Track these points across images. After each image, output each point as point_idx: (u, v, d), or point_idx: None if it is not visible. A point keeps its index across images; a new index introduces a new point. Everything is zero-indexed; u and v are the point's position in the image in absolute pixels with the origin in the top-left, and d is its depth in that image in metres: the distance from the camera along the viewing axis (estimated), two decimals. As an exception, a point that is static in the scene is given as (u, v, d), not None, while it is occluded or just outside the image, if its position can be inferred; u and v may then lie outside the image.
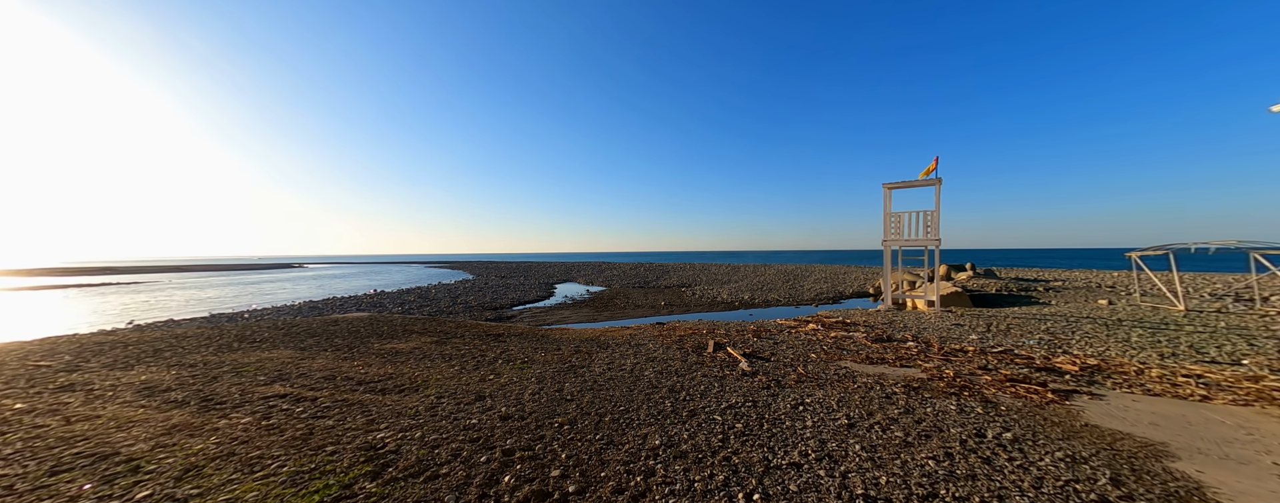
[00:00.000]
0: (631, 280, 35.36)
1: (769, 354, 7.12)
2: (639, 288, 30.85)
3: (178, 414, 4.04)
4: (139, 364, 5.78)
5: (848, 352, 7.38)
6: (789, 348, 7.65)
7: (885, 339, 8.48)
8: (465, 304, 21.38)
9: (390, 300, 22.17)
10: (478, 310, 19.92)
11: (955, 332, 9.56)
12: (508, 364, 6.08)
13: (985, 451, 3.58)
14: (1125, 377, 5.94)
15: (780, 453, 3.52)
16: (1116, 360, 6.86)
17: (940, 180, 12.12)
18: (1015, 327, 10.11)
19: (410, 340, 7.45)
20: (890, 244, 12.95)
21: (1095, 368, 6.39)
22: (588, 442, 3.67)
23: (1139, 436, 3.94)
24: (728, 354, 6.97)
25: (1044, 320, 10.96)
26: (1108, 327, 10.00)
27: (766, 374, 5.83)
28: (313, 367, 5.78)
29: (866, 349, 7.58)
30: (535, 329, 9.23)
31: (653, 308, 21.42)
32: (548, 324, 16.70)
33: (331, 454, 3.31)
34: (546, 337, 8.17)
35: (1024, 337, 9.02)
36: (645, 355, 6.78)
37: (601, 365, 6.12)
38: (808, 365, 6.39)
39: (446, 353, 6.64)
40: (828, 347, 7.75)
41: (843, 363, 6.61)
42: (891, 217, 12.86)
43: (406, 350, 6.73)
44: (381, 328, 8.50)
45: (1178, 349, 7.77)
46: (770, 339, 8.40)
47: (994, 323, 10.54)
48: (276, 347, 6.88)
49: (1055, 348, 8.03)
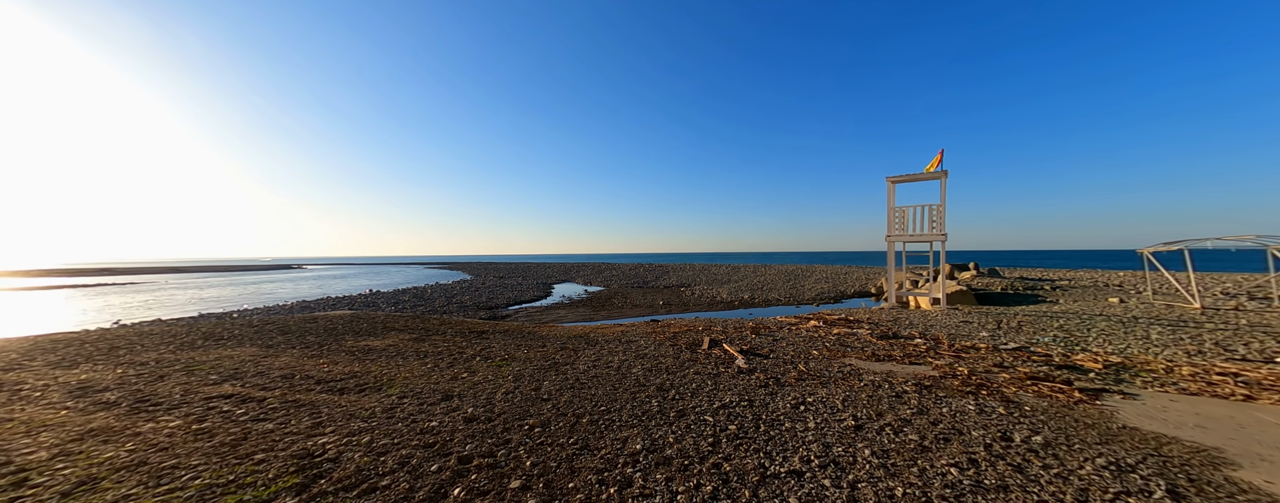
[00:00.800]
0: (630, 281, 34.89)
1: (768, 351, 6.64)
2: (637, 288, 30.36)
3: (101, 417, 3.58)
4: (86, 363, 5.33)
5: (852, 349, 6.89)
6: (789, 345, 7.17)
7: (891, 336, 7.99)
8: (460, 304, 20.92)
9: (385, 300, 21.72)
10: (472, 310, 19.46)
11: (964, 329, 9.06)
12: (485, 362, 5.61)
13: (1014, 457, 3.10)
14: (1154, 375, 5.45)
15: (779, 459, 3.04)
16: (1141, 358, 6.37)
17: (946, 173, 11.65)
18: (1027, 324, 9.61)
19: (387, 337, 6.99)
20: (894, 240, 12.47)
21: (1120, 366, 5.89)
22: (559, 447, 3.20)
23: (1187, 439, 3.45)
24: (723, 351, 6.50)
25: (1056, 318, 10.46)
26: (1124, 324, 9.50)
27: (765, 372, 5.35)
28: (273, 365, 5.32)
29: (872, 346, 7.10)
30: (523, 326, 8.76)
31: (650, 307, 20.94)
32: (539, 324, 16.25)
33: (258, 464, 2.84)
34: (533, 334, 7.71)
35: (1037, 334, 8.52)
36: (635, 352, 6.31)
37: (587, 363, 5.64)
38: (809, 363, 5.91)
39: (423, 350, 6.17)
40: (831, 344, 7.27)
41: (847, 360, 6.13)
42: (895, 211, 12.39)
43: (380, 348, 6.27)
44: (360, 325, 8.04)
45: (1203, 347, 7.27)
46: (769, 336, 7.92)
47: (1003, 321, 10.04)
48: (242, 344, 6.43)
49: (1072, 345, 7.53)
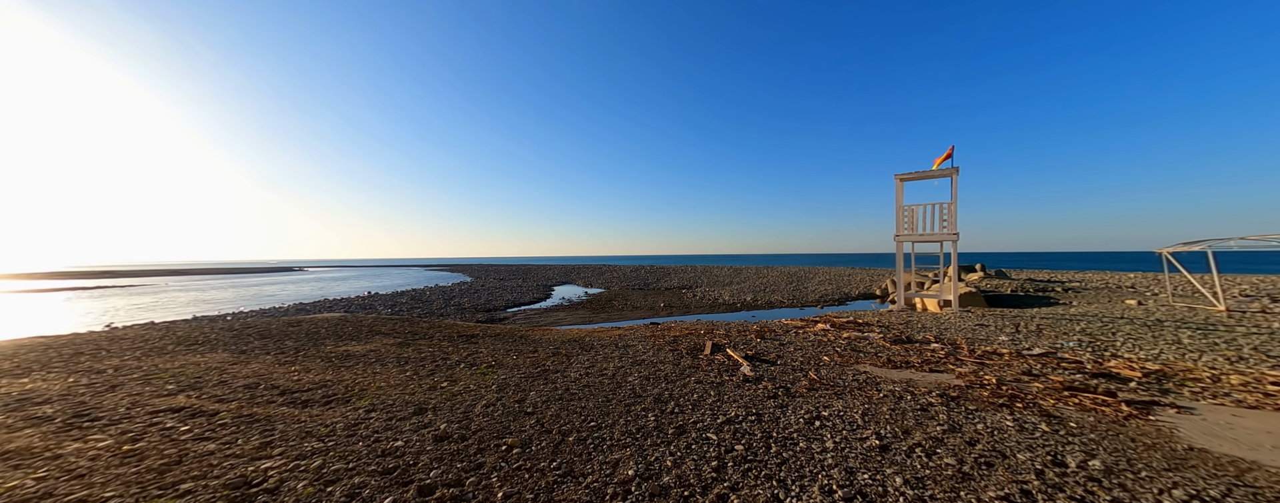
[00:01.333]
0: (631, 283, 34.44)
1: (775, 357, 6.16)
2: (639, 290, 29.90)
3: (26, 435, 3.15)
4: (40, 370, 4.92)
5: (865, 354, 6.41)
6: (797, 350, 6.69)
7: (905, 340, 7.50)
8: (458, 306, 20.52)
9: (382, 303, 21.35)
10: (470, 312, 19.04)
11: (981, 333, 8.56)
12: (470, 369, 5.16)
13: (1074, 487, 2.63)
14: (1201, 384, 4.94)
15: (795, 489, 2.58)
16: (1181, 365, 5.86)
17: (957, 170, 11.16)
18: (1046, 327, 9.09)
19: (370, 342, 6.56)
20: (903, 239, 11.98)
21: (1160, 374, 5.39)
22: (539, 473, 2.74)
23: (1272, 465, 2.96)
24: (727, 357, 6.03)
25: (1076, 321, 9.93)
26: (1150, 327, 8.96)
27: (773, 380, 4.88)
28: (240, 373, 4.89)
29: (886, 351, 6.61)
30: (515, 330, 8.32)
31: (651, 309, 20.47)
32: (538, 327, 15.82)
33: (183, 495, 2.40)
34: (525, 338, 7.26)
35: (1060, 338, 8.01)
36: (632, 358, 5.85)
37: (579, 370, 5.19)
38: (821, 370, 5.44)
39: (405, 356, 5.74)
40: (841, 349, 6.79)
41: (861, 367, 5.65)
42: (904, 210, 11.90)
43: (360, 353, 5.84)
44: (345, 329, 7.62)
45: (1242, 352, 6.74)
46: (775, 340, 7.45)
47: (1021, 324, 9.52)
48: (215, 350, 6.01)
49: (1101, 351, 7.02)
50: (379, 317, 9.23)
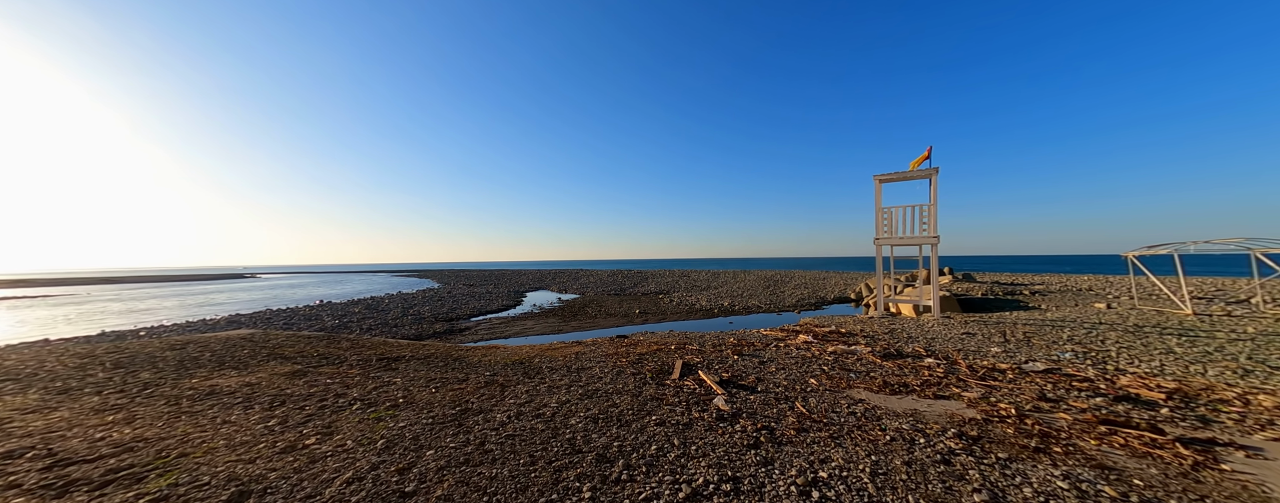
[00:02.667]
0: (608, 288, 33.23)
1: (754, 380, 5.17)
2: (614, 295, 28.76)
3: None
4: None
5: (856, 374, 5.51)
6: (780, 369, 5.73)
7: (896, 355, 6.68)
8: (417, 315, 18.81)
9: (330, 312, 19.38)
10: (429, 322, 17.41)
11: (970, 343, 7.88)
12: (364, 411, 3.91)
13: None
14: (1233, 408, 4.26)
15: None
16: (1197, 382, 5.22)
17: (936, 170, 10.63)
18: (1033, 335, 8.53)
19: (258, 371, 5.17)
20: (882, 242, 11.36)
21: (1181, 394, 4.70)
22: None
23: None
24: (699, 382, 5.00)
25: (1058, 327, 9.46)
26: (1133, 334, 8.54)
27: (753, 417, 3.87)
28: (28, 425, 3.48)
29: (878, 369, 5.74)
30: (454, 349, 7.02)
31: (625, 316, 19.37)
32: (504, 337, 14.40)
33: None
34: (461, 360, 6.00)
35: (1052, 348, 7.40)
36: (584, 388, 4.72)
37: (510, 409, 4.02)
38: (809, 398, 4.47)
39: (287, 393, 4.41)
40: (829, 367, 5.88)
41: (855, 393, 4.72)
42: (883, 212, 11.29)
43: (230, 389, 4.47)
44: (237, 352, 6.15)
45: (1239, 361, 6.25)
46: (755, 357, 6.48)
47: (1007, 332, 8.95)
48: (29, 389, 4.50)
49: (1099, 363, 6.39)
50: (295, 334, 7.71)
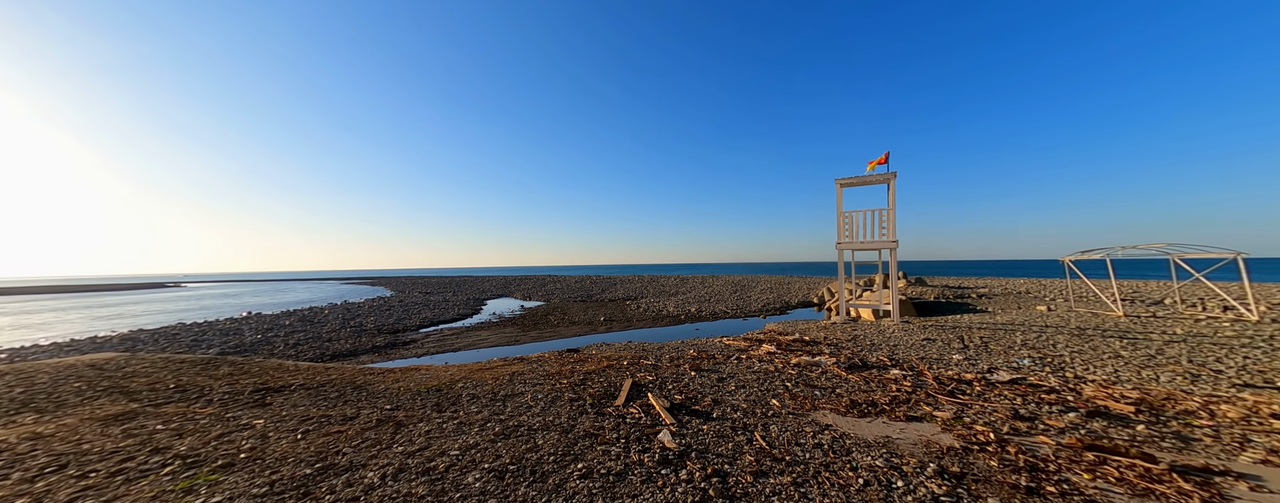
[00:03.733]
0: (575, 294, 32.08)
1: (711, 403, 4.50)
2: (580, 302, 27.69)
3: None
4: None
5: (821, 391, 4.97)
6: (740, 388, 5.10)
7: (861, 366, 6.24)
8: (357, 328, 17.03)
9: (255, 326, 17.21)
10: (371, 334, 15.75)
11: (932, 349, 7.63)
12: (178, 475, 2.85)
13: None
14: (1202, 421, 4.01)
15: None
16: (1155, 390, 5.04)
17: (894, 175, 10.57)
18: (990, 340, 8.44)
19: (70, 414, 3.92)
20: (844, 247, 11.18)
21: (1144, 404, 4.46)
22: None
23: None
24: (646, 408, 4.27)
25: (1010, 331, 9.50)
26: (1079, 337, 8.64)
27: (703, 456, 3.18)
28: None
29: (843, 384, 5.24)
30: (361, 374, 5.91)
31: (589, 325, 18.43)
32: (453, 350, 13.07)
33: None
34: (365, 387, 4.96)
35: (1010, 354, 7.25)
36: (504, 423, 3.85)
37: (391, 463, 3.08)
38: (770, 425, 3.85)
39: (87, 447, 3.26)
40: (792, 383, 5.31)
41: (821, 416, 4.14)
42: (844, 216, 11.12)
43: (7, 444, 3.27)
44: (66, 387, 4.80)
45: (1183, 365, 6.27)
46: (714, 373, 5.83)
47: (965, 337, 8.84)
48: None
49: (1058, 369, 6.23)
50: (169, 358, 6.27)
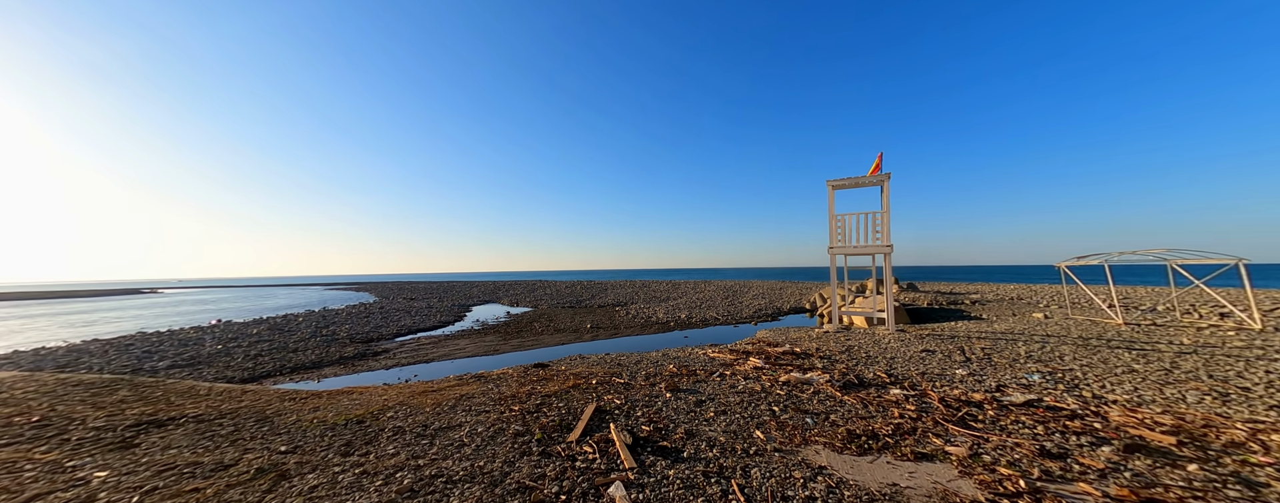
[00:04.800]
0: (564, 300, 31.21)
1: (683, 436, 3.78)
2: (568, 308, 26.83)
3: None
4: None
5: (813, 418, 4.26)
6: (720, 414, 4.38)
7: (857, 384, 5.55)
8: (329, 337, 16.05)
9: (216, 336, 16.16)
10: (342, 344, 14.80)
11: (932, 363, 6.97)
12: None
13: None
14: (1260, 458, 3.37)
15: None
16: (1193, 416, 4.41)
17: (888, 177, 10.01)
18: (993, 352, 7.82)
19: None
20: (837, 252, 10.57)
21: (1184, 434, 3.82)
22: None
23: None
24: (604, 445, 3.53)
25: (1012, 341, 8.90)
26: (1085, 348, 8.06)
27: (665, 518, 2.44)
28: None
29: (839, 409, 4.54)
30: (278, 397, 5.06)
31: (575, 332, 17.61)
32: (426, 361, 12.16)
33: None
34: (270, 419, 4.14)
35: (1017, 369, 6.61)
36: (418, 473, 3.07)
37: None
38: (751, 469, 3.13)
39: None
40: (780, 407, 4.60)
41: (813, 454, 3.44)
42: (837, 219, 10.52)
43: None
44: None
45: (1205, 381, 5.67)
46: (692, 395, 5.11)
47: (965, 348, 8.21)
48: None
49: (1072, 386, 5.59)
50: (64, 379, 5.34)
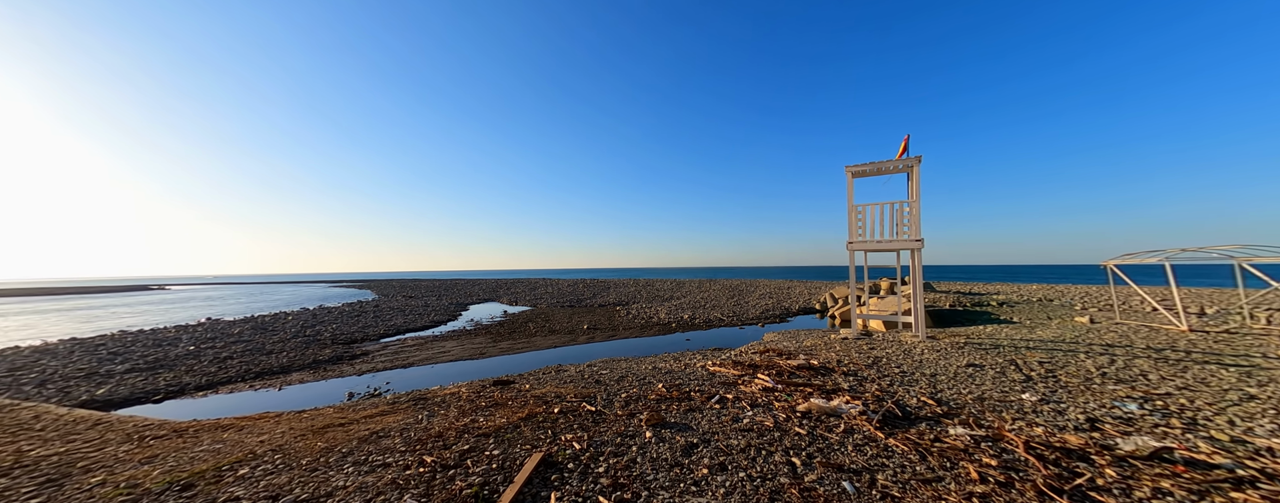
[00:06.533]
0: (564, 299, 30.06)
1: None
2: (568, 307, 25.67)
3: None
4: None
5: (853, 481, 2.92)
6: (717, 470, 3.06)
7: (902, 417, 4.17)
8: (311, 337, 15.05)
9: (194, 337, 15.26)
10: (321, 345, 13.77)
11: (984, 382, 5.54)
12: None
13: None
14: None
15: None
16: None
17: (919, 159, 8.55)
18: (1056, 368, 6.33)
19: None
20: (856, 247, 9.14)
21: None
22: None
23: None
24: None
25: (1070, 353, 7.39)
26: (1170, 364, 6.51)
27: None
28: None
29: (888, 465, 3.19)
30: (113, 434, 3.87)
31: (570, 333, 16.40)
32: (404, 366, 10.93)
33: None
34: (70, 477, 2.93)
35: (1101, 394, 5.14)
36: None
37: None
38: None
39: None
40: (804, 459, 3.26)
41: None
42: (857, 210, 9.09)
43: None
44: None
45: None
46: (682, 433, 3.78)
47: (1018, 362, 6.73)
48: None
49: (1191, 423, 4.15)
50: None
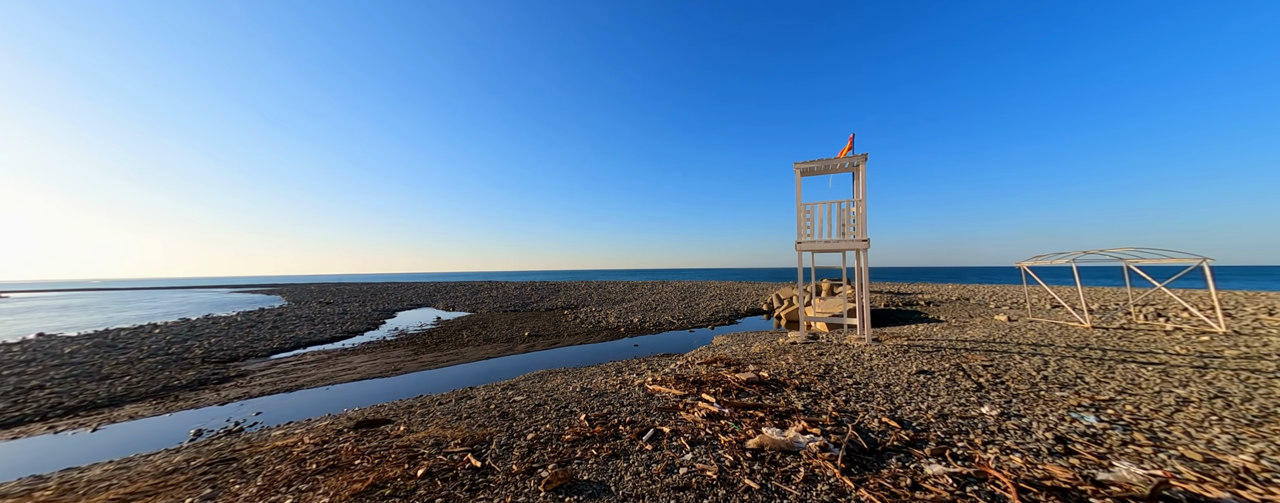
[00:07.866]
0: (509, 303, 27.87)
1: None
2: (512, 312, 23.68)
3: None
4: None
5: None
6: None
7: (869, 452, 3.39)
8: (175, 355, 12.03)
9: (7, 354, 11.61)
10: (187, 365, 10.95)
11: (939, 393, 5.04)
12: None
13: None
14: None
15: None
16: None
17: (865, 157, 8.23)
18: (1001, 373, 6.07)
19: None
20: (805, 248, 8.66)
21: None
22: None
23: None
24: None
25: (1004, 353, 7.33)
26: (1094, 363, 6.56)
27: None
28: None
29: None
30: None
31: (508, 342, 14.69)
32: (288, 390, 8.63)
33: None
34: None
35: (1054, 403, 4.80)
36: None
37: None
38: None
39: None
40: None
41: None
42: (805, 209, 8.61)
43: None
44: None
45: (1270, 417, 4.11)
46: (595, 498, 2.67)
47: (965, 368, 6.44)
48: None
49: (1156, 437, 3.78)
50: None
